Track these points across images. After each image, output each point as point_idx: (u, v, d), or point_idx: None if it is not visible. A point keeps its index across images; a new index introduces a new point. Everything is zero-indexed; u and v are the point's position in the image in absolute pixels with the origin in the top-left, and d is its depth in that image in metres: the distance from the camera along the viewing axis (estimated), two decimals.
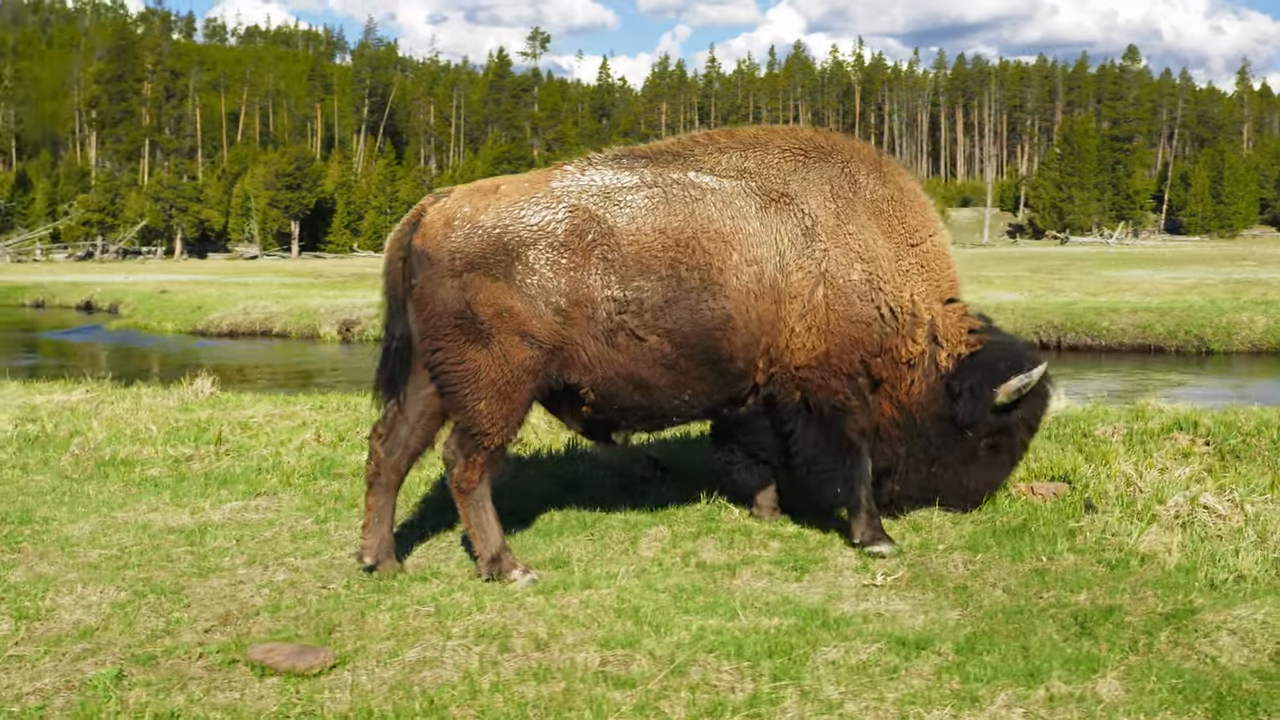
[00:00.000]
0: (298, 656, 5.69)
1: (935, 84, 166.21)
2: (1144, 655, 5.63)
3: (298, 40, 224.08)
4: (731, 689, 5.26)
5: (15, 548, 7.79)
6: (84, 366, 25.33)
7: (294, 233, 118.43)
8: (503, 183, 7.24)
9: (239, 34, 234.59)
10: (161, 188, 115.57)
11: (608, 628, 6.03)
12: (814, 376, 7.33)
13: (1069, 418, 11.60)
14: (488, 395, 6.91)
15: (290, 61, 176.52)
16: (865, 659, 5.56)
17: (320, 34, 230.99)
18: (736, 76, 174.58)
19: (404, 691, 5.36)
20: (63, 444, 10.90)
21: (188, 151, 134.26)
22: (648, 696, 5.18)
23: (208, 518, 8.47)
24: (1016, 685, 5.24)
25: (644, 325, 6.97)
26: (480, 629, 6.03)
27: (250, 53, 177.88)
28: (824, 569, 7.14)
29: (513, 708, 5.14)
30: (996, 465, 8.00)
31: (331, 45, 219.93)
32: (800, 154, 7.55)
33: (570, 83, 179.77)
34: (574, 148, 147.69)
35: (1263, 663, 5.53)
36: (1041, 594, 6.57)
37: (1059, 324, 27.72)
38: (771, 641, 5.79)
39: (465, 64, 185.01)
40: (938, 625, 6.13)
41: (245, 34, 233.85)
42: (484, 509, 7.09)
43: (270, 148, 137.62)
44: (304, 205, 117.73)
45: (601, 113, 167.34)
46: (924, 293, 7.59)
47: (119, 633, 6.20)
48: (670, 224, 7.07)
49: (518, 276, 6.84)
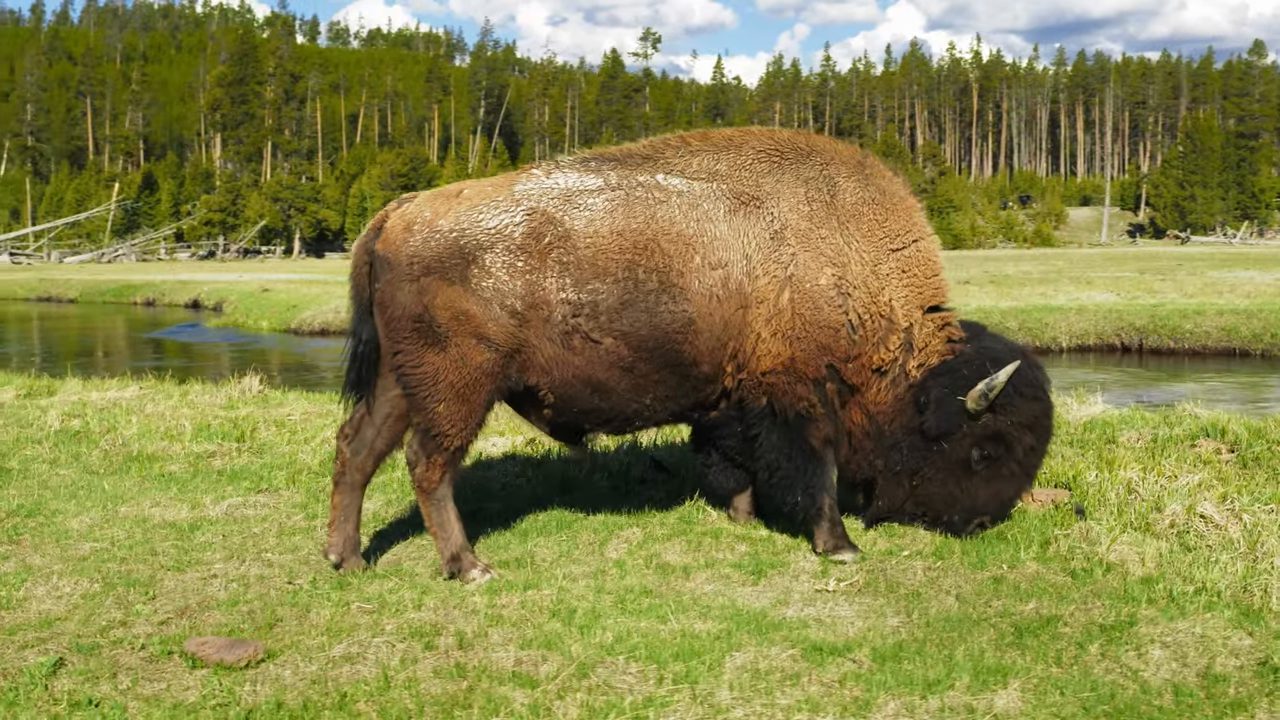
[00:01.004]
0: (227, 650, 5.83)
1: (1055, 81, 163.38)
2: (1065, 667, 5.55)
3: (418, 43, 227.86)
4: (630, 691, 5.28)
5: (15, 539, 8.08)
6: (171, 364, 26.05)
7: None
8: (466, 186, 7.33)
9: (361, 37, 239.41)
10: (280, 188, 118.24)
11: (536, 628, 6.09)
12: (780, 382, 7.30)
13: (1097, 424, 11.40)
14: (446, 397, 7.01)
15: (410, 63, 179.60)
16: (774, 665, 5.55)
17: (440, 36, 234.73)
18: (851, 75, 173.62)
19: (320, 686, 5.47)
20: (97, 439, 11.26)
21: (306, 153, 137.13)
22: (545, 696, 5.23)
23: (205, 513, 8.70)
24: (914, 694, 5.20)
25: (599, 328, 7.01)
26: (412, 626, 6.13)
27: (370, 55, 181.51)
28: (782, 573, 7.12)
29: (414, 704, 5.23)
30: (1002, 478, 7.61)
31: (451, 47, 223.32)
32: (775, 156, 7.51)
33: (685, 82, 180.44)
34: None
35: (1186, 679, 5.41)
36: (991, 602, 6.49)
37: (1141, 326, 27.06)
38: (690, 645, 5.80)
39: (582, 64, 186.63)
40: (872, 632, 6.09)
41: (367, 37, 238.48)
42: (445, 508, 7.19)
43: (388, 148, 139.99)
44: None
45: (715, 112, 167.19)
46: (902, 299, 7.48)
47: (77, 623, 6.40)
48: (629, 226, 7.09)
49: (474, 280, 6.92)
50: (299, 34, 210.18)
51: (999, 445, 7.53)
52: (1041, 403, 7.64)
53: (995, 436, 7.52)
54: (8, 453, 10.79)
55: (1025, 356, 7.71)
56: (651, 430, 9.38)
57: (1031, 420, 7.57)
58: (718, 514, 8.23)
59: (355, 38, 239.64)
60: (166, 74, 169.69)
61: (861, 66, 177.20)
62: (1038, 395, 7.62)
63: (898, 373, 7.51)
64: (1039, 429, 7.65)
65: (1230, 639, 5.79)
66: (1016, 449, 7.57)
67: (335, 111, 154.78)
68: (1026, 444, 7.59)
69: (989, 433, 7.50)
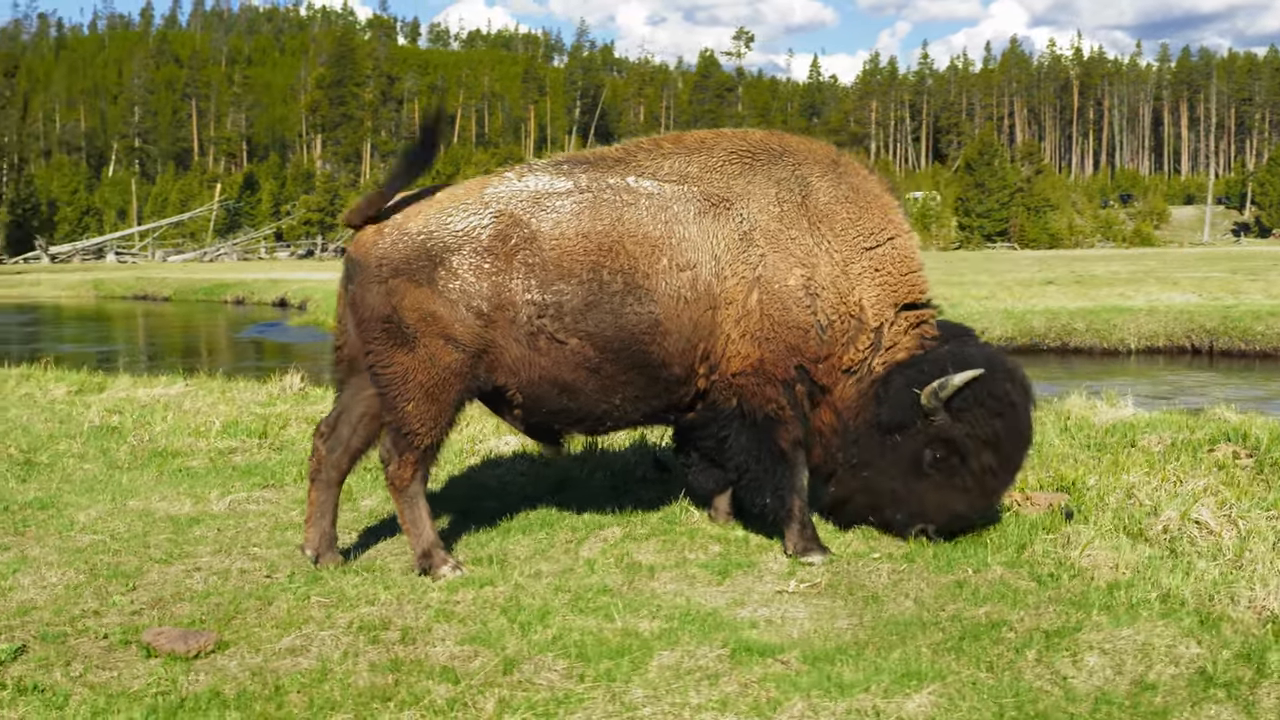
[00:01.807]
0: (181, 640, 6.00)
1: (1158, 77, 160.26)
2: (995, 672, 5.51)
3: (517, 44, 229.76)
4: (549, 688, 5.36)
5: (21, 531, 8.35)
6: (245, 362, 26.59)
7: None
8: (441, 190, 7.45)
9: (460, 38, 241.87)
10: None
11: (482, 624, 6.19)
12: (749, 384, 7.32)
13: (1121, 427, 11.27)
14: (416, 397, 7.14)
15: (508, 64, 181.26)
16: (699, 664, 5.58)
17: (539, 37, 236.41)
18: (950, 73, 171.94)
19: (259, 677, 5.60)
20: (127, 435, 11.57)
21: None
22: (466, 691, 5.32)
23: (208, 507, 8.92)
24: (826, 696, 5.21)
25: (564, 328, 7.09)
26: (363, 621, 6.25)
27: (468, 57, 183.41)
28: (748, 574, 7.15)
29: (341, 696, 5.34)
30: (953, 489, 7.43)
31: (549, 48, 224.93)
32: (747, 157, 7.53)
33: (781, 81, 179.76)
34: None
35: (1116, 687, 5.36)
36: (946, 606, 6.46)
37: (1211, 328, 26.49)
38: (626, 643, 5.86)
39: (679, 64, 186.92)
40: (817, 633, 6.11)
41: (467, 38, 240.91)
42: (417, 505, 7.31)
43: (483, 149, 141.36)
44: None
45: (811, 111, 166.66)
46: (875, 298, 7.46)
47: (52, 612, 6.61)
48: (595, 228, 7.16)
49: (440, 281, 7.04)
50: (400, 36, 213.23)
51: (951, 452, 7.35)
52: (1005, 419, 7.34)
53: (949, 442, 7.33)
54: (41, 447, 11.13)
55: (1003, 370, 7.47)
56: (657, 429, 9.43)
57: (991, 436, 7.31)
58: (700, 514, 8.28)
59: (455, 39, 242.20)
60: (269, 76, 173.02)
61: (960, 64, 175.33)
62: (1002, 411, 7.33)
63: (864, 371, 7.49)
64: (1000, 447, 7.37)
65: (1176, 647, 5.71)
66: (971, 462, 7.35)
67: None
68: (984, 461, 7.35)
69: (942, 436, 7.33)
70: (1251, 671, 5.43)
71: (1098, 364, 25.90)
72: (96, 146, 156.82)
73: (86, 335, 43.02)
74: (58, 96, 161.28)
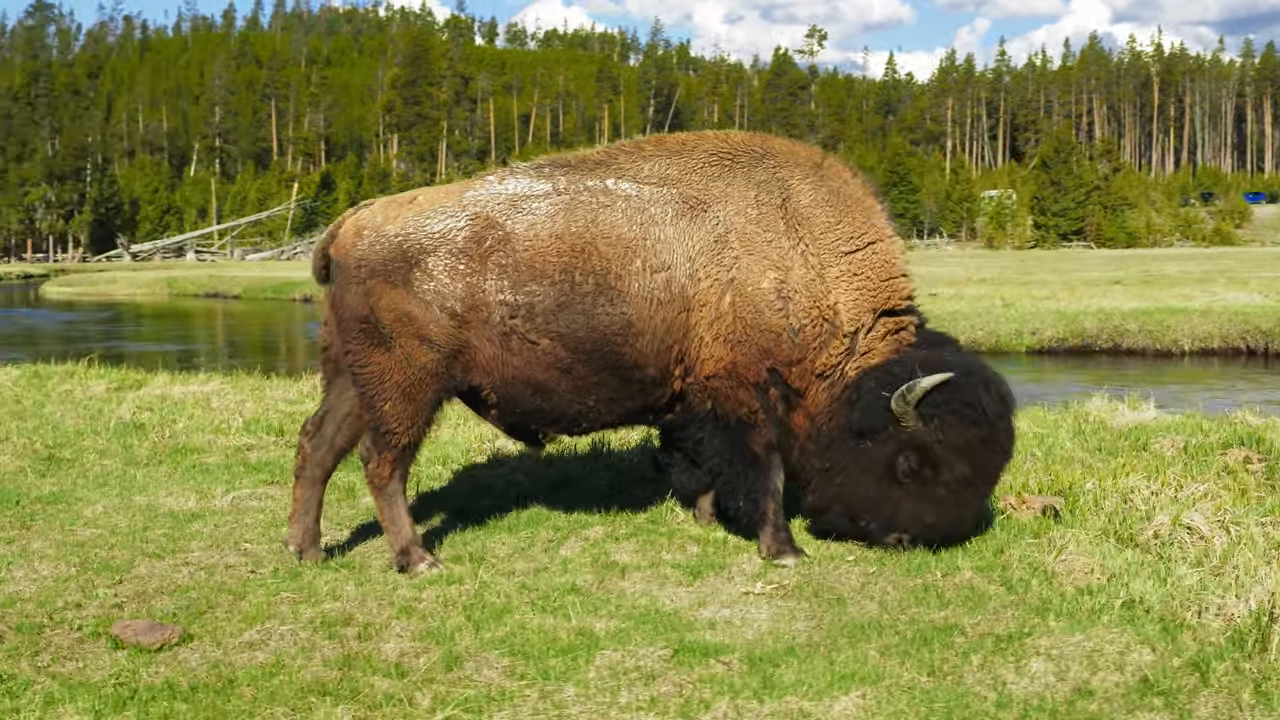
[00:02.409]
0: (147, 633, 6.16)
1: (1241, 74, 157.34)
2: (936, 676, 5.51)
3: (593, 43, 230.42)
4: (487, 684, 5.44)
5: (27, 525, 8.57)
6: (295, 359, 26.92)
7: None
8: (421, 193, 7.57)
9: (537, 38, 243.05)
10: None
11: (440, 621, 6.28)
12: (722, 386, 7.34)
13: (1135, 431, 11.16)
14: (393, 396, 7.25)
15: (584, 63, 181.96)
16: (640, 664, 5.63)
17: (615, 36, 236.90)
18: (1027, 70, 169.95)
19: (216, 670, 5.74)
20: (150, 432, 11.78)
21: (477, 153, 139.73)
22: (407, 687, 5.41)
23: (211, 503, 9.11)
24: (755, 697, 5.24)
25: (535, 329, 7.16)
26: (325, 616, 6.38)
27: (543, 56, 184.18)
28: (719, 575, 7.17)
29: (289, 689, 5.46)
30: (927, 499, 7.32)
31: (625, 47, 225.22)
32: (727, 159, 7.55)
33: (856, 79, 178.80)
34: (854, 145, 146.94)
35: (1055, 693, 5.33)
36: (908, 609, 6.46)
37: (1267, 330, 26.05)
38: (576, 641, 5.94)
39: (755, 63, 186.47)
40: (771, 635, 6.13)
41: (544, 38, 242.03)
42: (396, 503, 7.43)
43: (555, 148, 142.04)
44: None
45: (886, 109, 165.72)
46: (851, 302, 7.44)
47: (36, 604, 6.79)
48: (568, 230, 7.22)
49: (416, 283, 7.14)
50: (477, 36, 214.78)
51: (924, 460, 7.25)
52: (980, 429, 7.23)
53: (921, 450, 7.23)
54: (67, 443, 11.40)
55: (979, 378, 7.38)
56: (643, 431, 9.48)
57: (965, 444, 7.21)
58: (685, 515, 8.32)
59: (532, 39, 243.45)
60: (348, 76, 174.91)
61: (1038, 61, 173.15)
62: (976, 420, 7.22)
63: (837, 376, 7.47)
64: (974, 457, 7.27)
65: (1128, 654, 5.68)
66: (944, 472, 7.25)
67: (508, 112, 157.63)
68: (958, 471, 7.25)
69: (914, 443, 7.23)
70: (1195, 680, 5.39)
71: (1149, 366, 25.54)
72: (178, 146, 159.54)
73: (150, 333, 43.89)
74: (141, 97, 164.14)
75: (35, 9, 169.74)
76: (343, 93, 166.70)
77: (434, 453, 10.55)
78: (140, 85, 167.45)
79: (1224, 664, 5.51)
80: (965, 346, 8.14)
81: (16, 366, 17.10)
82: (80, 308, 59.26)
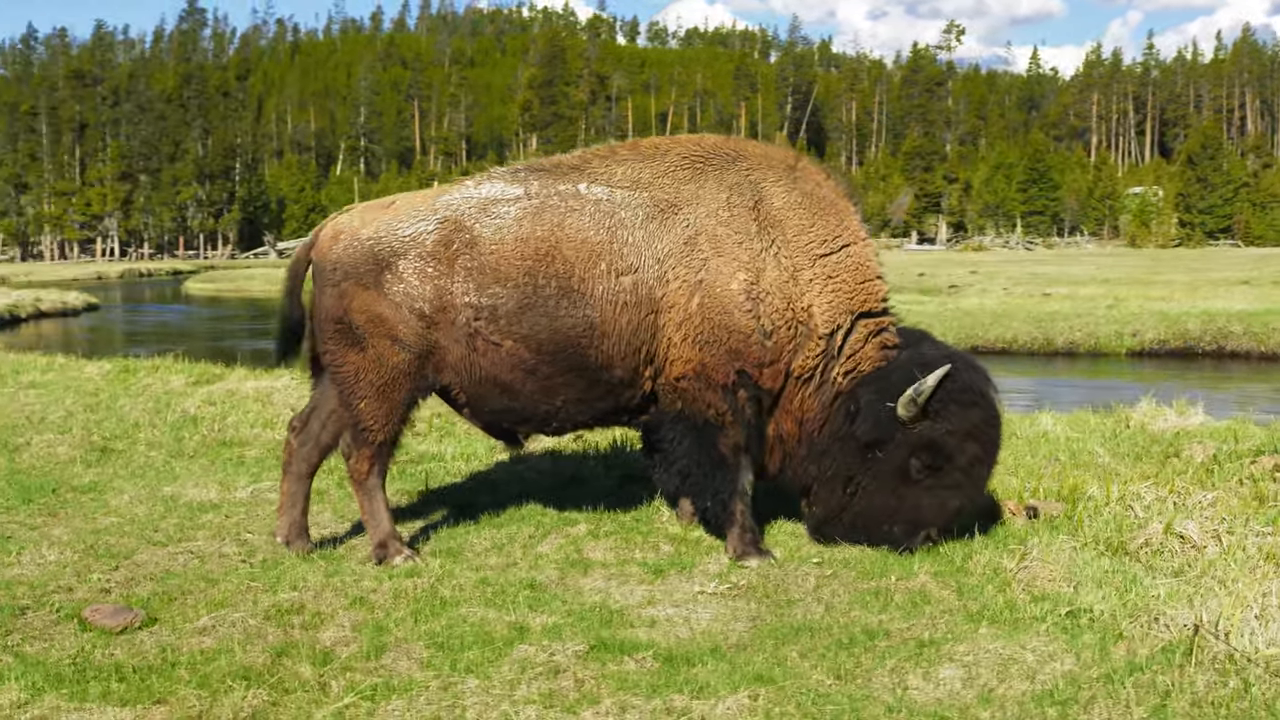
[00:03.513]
0: (112, 616, 6.50)
1: None
2: (843, 680, 5.54)
3: (734, 40, 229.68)
4: (398, 674, 5.62)
5: (54, 513, 9.04)
6: None
7: None
8: (400, 197, 7.81)
9: (679, 36, 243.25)
10: None
11: (385, 613, 6.50)
12: (691, 388, 7.43)
13: (1175, 436, 10.98)
14: (367, 395, 7.52)
15: (724, 61, 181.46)
16: (552, 658, 5.75)
17: (756, 34, 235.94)
18: (1177, 63, 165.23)
19: (164, 653, 6.01)
20: (202, 425, 12.24)
21: None
22: (327, 673, 5.62)
23: (231, 495, 9.48)
24: (646, 694, 5.34)
25: (499, 331, 7.35)
26: (280, 605, 6.63)
27: (681, 55, 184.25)
28: (682, 574, 7.27)
29: (223, 673, 5.68)
30: (945, 489, 7.42)
31: (766, 44, 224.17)
32: (699, 162, 7.64)
33: (998, 74, 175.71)
34: (994, 141, 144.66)
35: (958, 700, 5.33)
36: (851, 613, 6.50)
37: None
38: (503, 635, 6.10)
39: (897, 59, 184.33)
40: (704, 634, 6.22)
41: (685, 36, 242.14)
42: (375, 497, 7.68)
43: None
44: None
45: (1029, 104, 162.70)
46: (826, 305, 7.49)
47: (30, 587, 7.18)
48: (534, 234, 7.37)
49: (387, 285, 7.39)
50: (619, 35, 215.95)
51: (938, 454, 7.36)
52: (981, 409, 7.43)
53: (933, 445, 7.35)
54: (124, 435, 11.91)
55: (962, 362, 7.53)
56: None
57: (971, 428, 7.38)
58: (670, 514, 8.43)
59: (673, 37, 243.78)
60: (490, 76, 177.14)
61: (1188, 55, 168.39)
62: (976, 401, 7.41)
63: (821, 380, 7.51)
64: (981, 436, 7.44)
65: (1048, 663, 5.64)
66: (958, 458, 7.38)
67: (646, 110, 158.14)
68: (970, 453, 7.40)
69: (926, 441, 7.34)
70: (1099, 692, 5.33)
71: (1252, 369, 24.85)
72: (325, 146, 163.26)
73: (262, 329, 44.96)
74: (290, 98, 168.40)
75: (188, 14, 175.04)
76: (484, 92, 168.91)
77: (461, 449, 10.85)
78: (289, 86, 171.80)
79: (1143, 676, 5.45)
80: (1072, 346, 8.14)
81: (110, 360, 17.87)
82: (221, 303, 61.17)
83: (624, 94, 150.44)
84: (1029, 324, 28.39)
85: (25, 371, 16.68)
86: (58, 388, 15.07)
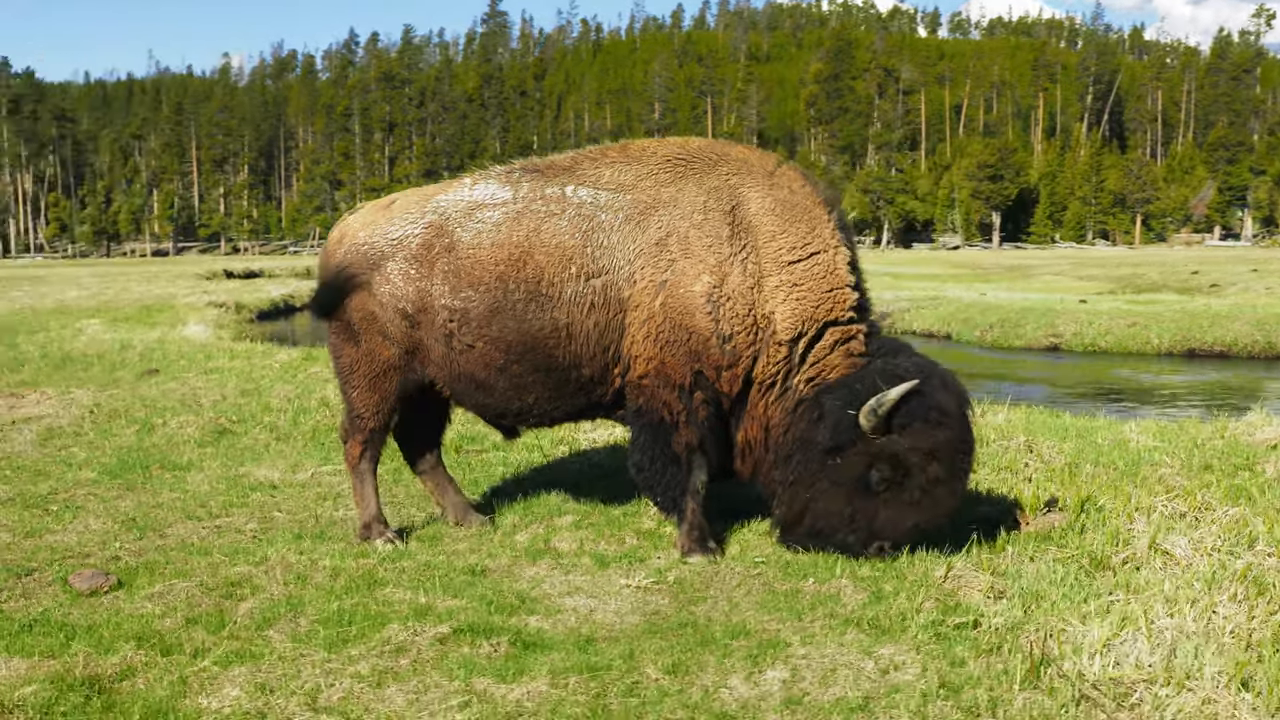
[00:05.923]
0: (86, 580, 7.19)
1: None
2: (671, 675, 5.65)
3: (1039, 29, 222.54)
4: (268, 644, 6.07)
5: (131, 488, 9.92)
6: None
7: (995, 224, 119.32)
8: (398, 197, 8.28)
9: (981, 27, 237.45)
10: (870, 180, 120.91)
11: (314, 589, 6.96)
12: (650, 385, 7.60)
13: (1257, 449, 10.43)
14: (361, 386, 8.09)
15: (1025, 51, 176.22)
16: (411, 638, 6.08)
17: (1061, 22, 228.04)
18: None
19: (112, 616, 6.58)
20: (322, 410, 13.02)
21: (897, 145, 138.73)
22: (219, 641, 6.12)
23: (290, 476, 10.20)
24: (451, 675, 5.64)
25: (471, 333, 7.71)
26: (229, 578, 7.19)
27: (977, 45, 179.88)
28: (625, 567, 7.47)
29: (130, 633, 6.22)
30: (903, 504, 7.31)
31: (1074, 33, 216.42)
32: (680, 165, 7.77)
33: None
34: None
35: (764, 703, 5.39)
36: (747, 611, 6.59)
37: None
38: (399, 616, 6.44)
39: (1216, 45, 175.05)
40: (587, 625, 6.45)
41: (987, 27, 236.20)
42: (365, 481, 8.20)
43: (979, 140, 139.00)
44: (1005, 196, 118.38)
45: None
46: (790, 312, 7.50)
47: (55, 550, 8.00)
48: (509, 239, 7.68)
49: (376, 285, 7.90)
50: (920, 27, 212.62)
51: (897, 468, 7.27)
52: (948, 429, 7.26)
53: (894, 459, 7.26)
54: (250, 418, 12.93)
55: (939, 380, 7.38)
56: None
57: (935, 447, 7.22)
58: (656, 509, 8.57)
59: (975, 28, 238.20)
60: (784, 72, 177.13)
61: None
62: (943, 421, 7.25)
63: (784, 386, 7.55)
64: (946, 458, 7.26)
65: (888, 672, 5.66)
66: (917, 475, 7.25)
67: (940, 103, 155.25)
68: (932, 472, 7.25)
69: (886, 453, 7.26)
70: (912, 702, 5.30)
71: None
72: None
73: None
74: (589, 97, 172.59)
75: (490, 16, 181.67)
76: (777, 87, 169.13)
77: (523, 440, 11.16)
78: (589, 85, 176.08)
79: (975, 692, 5.39)
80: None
81: (300, 349, 19.03)
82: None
83: (916, 86, 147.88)
84: (1251, 326, 26.89)
85: (215, 358, 18.03)
86: (232, 374, 16.29)
